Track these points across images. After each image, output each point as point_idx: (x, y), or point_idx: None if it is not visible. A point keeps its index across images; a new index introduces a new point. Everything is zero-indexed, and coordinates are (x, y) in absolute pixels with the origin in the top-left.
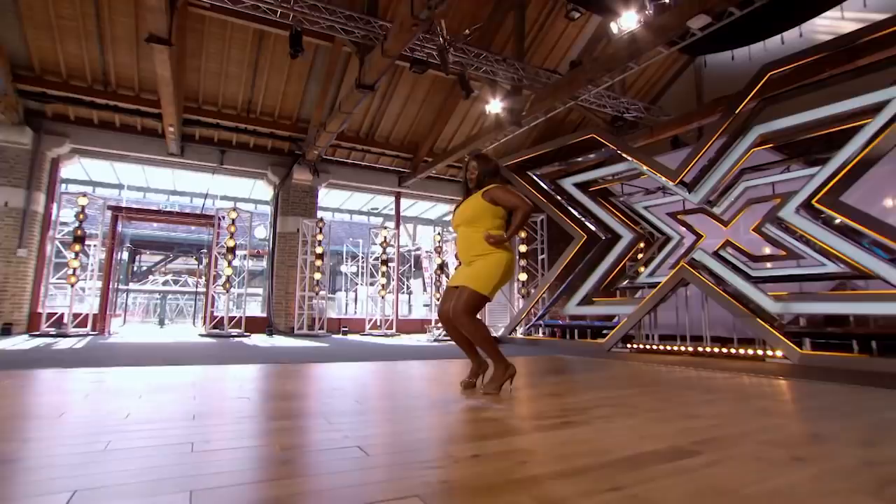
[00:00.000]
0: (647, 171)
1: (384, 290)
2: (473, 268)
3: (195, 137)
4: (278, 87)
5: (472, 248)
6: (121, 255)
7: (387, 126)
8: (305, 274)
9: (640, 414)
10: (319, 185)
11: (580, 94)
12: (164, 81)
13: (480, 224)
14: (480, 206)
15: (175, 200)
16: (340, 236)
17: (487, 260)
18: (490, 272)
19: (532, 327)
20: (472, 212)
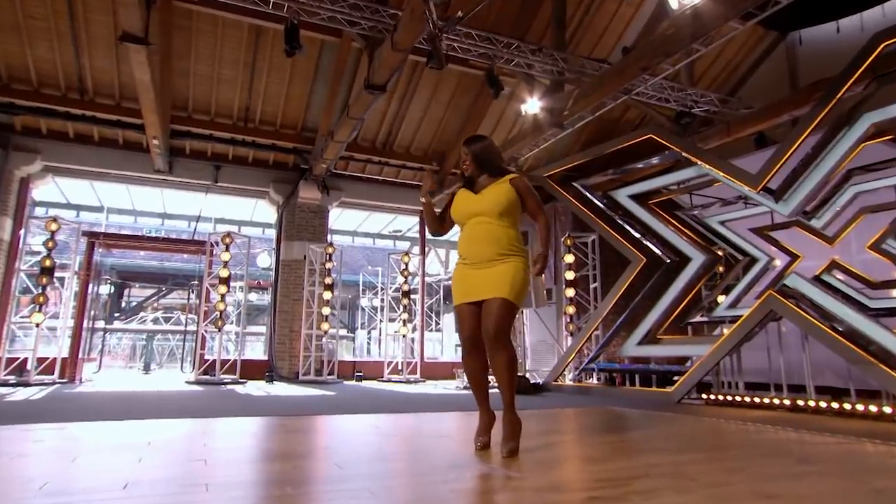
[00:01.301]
0: (720, 176)
1: (405, 326)
2: (501, 273)
3: (185, 151)
4: (279, 90)
5: (499, 244)
6: (98, 289)
7: (407, 133)
8: (313, 309)
9: (697, 490)
10: (330, 205)
11: (633, 86)
12: (144, 87)
13: (510, 219)
14: (511, 196)
15: (171, 225)
16: (361, 263)
17: (517, 264)
18: (524, 280)
19: (583, 372)
20: (502, 201)
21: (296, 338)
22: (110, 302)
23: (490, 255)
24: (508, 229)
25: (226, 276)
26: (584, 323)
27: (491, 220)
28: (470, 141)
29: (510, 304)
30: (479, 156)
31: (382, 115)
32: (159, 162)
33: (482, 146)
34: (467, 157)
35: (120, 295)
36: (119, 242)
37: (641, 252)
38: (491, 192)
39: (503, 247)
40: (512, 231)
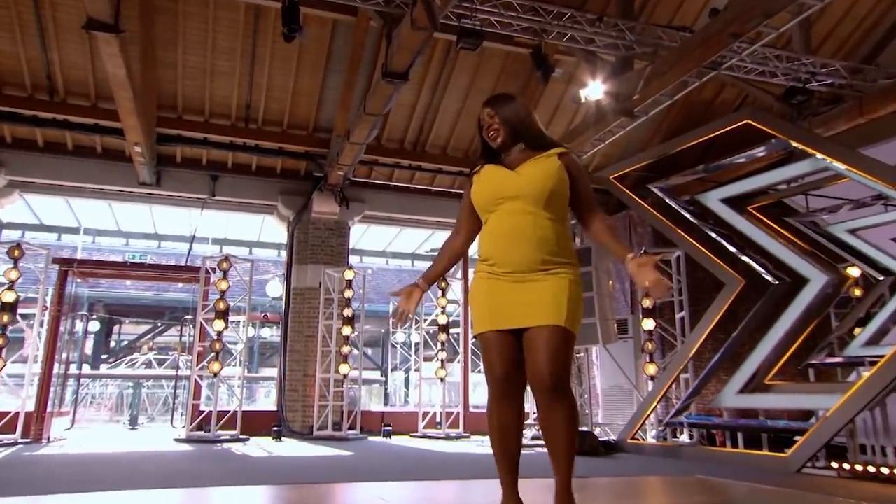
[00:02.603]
0: (848, 171)
1: (444, 368)
2: (553, 290)
3: (175, 159)
4: (285, 83)
5: (547, 247)
6: (75, 326)
7: (442, 130)
8: (331, 347)
9: None
10: (351, 220)
11: (724, 58)
12: (119, 84)
13: (558, 211)
14: (562, 177)
15: (169, 248)
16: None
17: (573, 278)
18: (582, 301)
19: (669, 427)
20: (550, 185)
21: (310, 384)
22: (97, 341)
23: (534, 260)
24: (558, 225)
25: (223, 309)
26: (668, 363)
27: (534, 208)
28: (496, 101)
29: (570, 336)
30: (512, 119)
31: (411, 109)
32: (144, 173)
33: (515, 107)
34: (493, 121)
35: (109, 332)
36: (96, 270)
37: (740, 272)
38: (534, 168)
39: (553, 251)
40: (562, 228)
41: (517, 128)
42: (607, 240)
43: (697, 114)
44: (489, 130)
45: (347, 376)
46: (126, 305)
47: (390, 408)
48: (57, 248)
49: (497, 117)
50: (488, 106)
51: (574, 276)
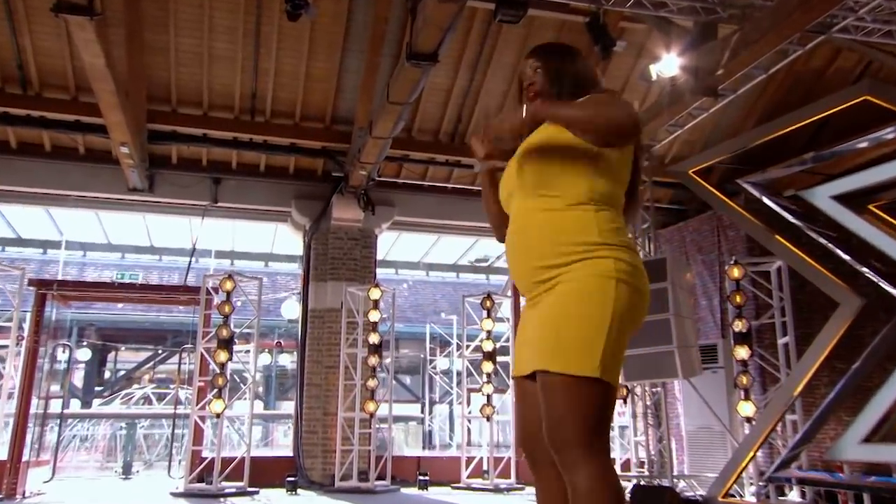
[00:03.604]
0: None
1: (490, 404)
2: (546, 314)
3: (170, 160)
4: (296, 68)
5: (544, 247)
6: (67, 356)
7: None
8: (355, 380)
9: None
10: (378, 227)
11: (835, 18)
12: (99, 75)
13: (558, 183)
14: (552, 136)
15: (171, 262)
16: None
17: (576, 281)
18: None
19: (771, 483)
20: (534, 154)
21: (331, 424)
22: (88, 372)
23: (530, 274)
24: (568, 209)
25: (226, 337)
26: (770, 401)
27: (529, 198)
28: (545, 51)
29: (563, 382)
30: (560, 73)
31: (446, 94)
32: (134, 177)
33: (574, 65)
34: (536, 78)
35: (102, 361)
36: (79, 293)
37: (859, 287)
38: (528, 144)
39: (556, 250)
40: (577, 212)
41: (564, 82)
42: None
43: (804, 88)
44: (529, 89)
45: (375, 415)
46: (122, 329)
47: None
48: (41, 263)
49: (543, 74)
50: (534, 57)
51: (582, 275)
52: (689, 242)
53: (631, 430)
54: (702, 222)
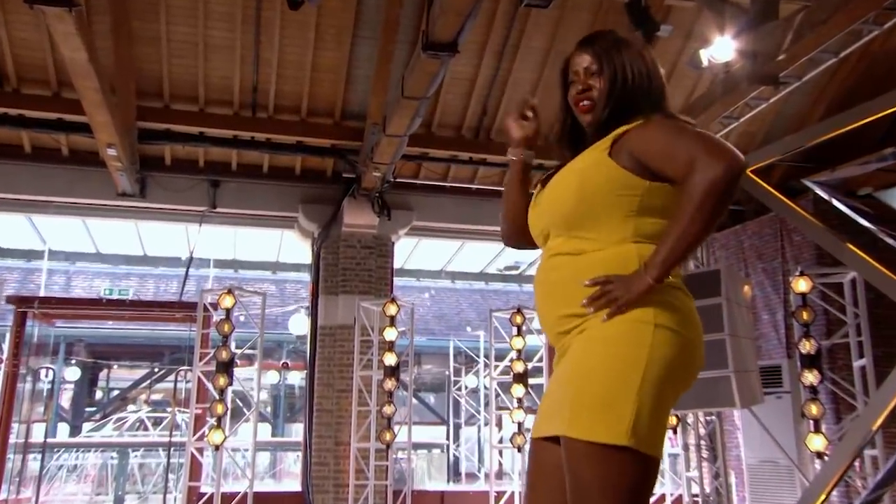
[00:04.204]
0: None
1: (521, 433)
2: (570, 364)
3: (163, 161)
4: (302, 58)
5: (569, 292)
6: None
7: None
8: (370, 406)
9: None
10: (394, 234)
11: None
12: (81, 71)
13: (594, 225)
14: (600, 170)
15: (168, 271)
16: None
17: (603, 326)
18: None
19: None
20: (572, 193)
21: (343, 454)
22: (77, 392)
23: (557, 323)
24: (602, 251)
25: (226, 359)
26: (845, 433)
27: (562, 239)
28: (600, 43)
29: (595, 453)
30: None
31: (469, 84)
32: (123, 181)
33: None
34: (591, 82)
35: (93, 379)
36: (65, 311)
37: None
38: (570, 171)
39: (583, 292)
40: (610, 250)
41: (631, 98)
42: (677, 218)
43: (880, 74)
44: (580, 97)
45: (392, 446)
46: (114, 345)
47: (454, 485)
48: (24, 272)
49: (604, 81)
50: (586, 51)
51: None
52: (747, 248)
53: (683, 463)
54: (762, 225)
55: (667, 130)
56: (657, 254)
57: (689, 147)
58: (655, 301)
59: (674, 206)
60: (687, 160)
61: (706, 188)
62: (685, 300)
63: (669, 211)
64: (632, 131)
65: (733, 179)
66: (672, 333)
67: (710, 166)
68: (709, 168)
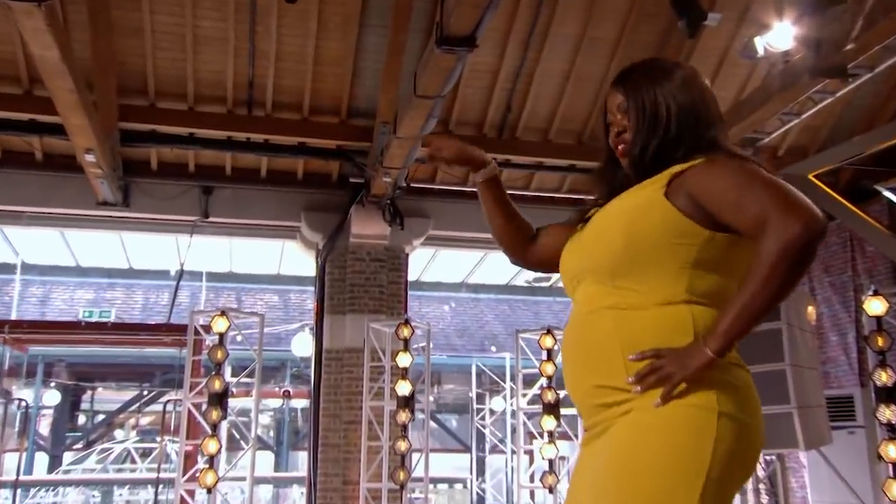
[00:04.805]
0: None
1: (553, 472)
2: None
3: (149, 166)
4: (302, 48)
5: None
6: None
7: (541, 105)
8: (381, 441)
9: None
10: (409, 245)
11: None
12: (53, 70)
13: (641, 276)
14: (654, 213)
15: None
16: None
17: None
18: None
19: None
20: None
21: (352, 495)
22: (57, 419)
23: (591, 394)
24: (650, 310)
25: (219, 391)
26: None
27: (600, 286)
28: (631, 77)
29: None
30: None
31: (492, 77)
32: (104, 189)
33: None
34: (621, 121)
35: (76, 403)
36: (38, 336)
37: None
38: (608, 213)
39: (628, 363)
40: (659, 311)
41: (672, 135)
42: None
43: None
44: (618, 140)
45: (406, 486)
46: (99, 365)
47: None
48: None
49: (634, 118)
50: (618, 88)
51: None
52: None
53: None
54: (829, 232)
55: (734, 175)
56: (720, 322)
57: (761, 199)
58: (717, 381)
59: (733, 263)
60: (758, 216)
61: (780, 252)
62: (744, 377)
63: (728, 267)
64: (692, 171)
65: (811, 243)
66: (737, 423)
67: (784, 226)
68: (783, 228)
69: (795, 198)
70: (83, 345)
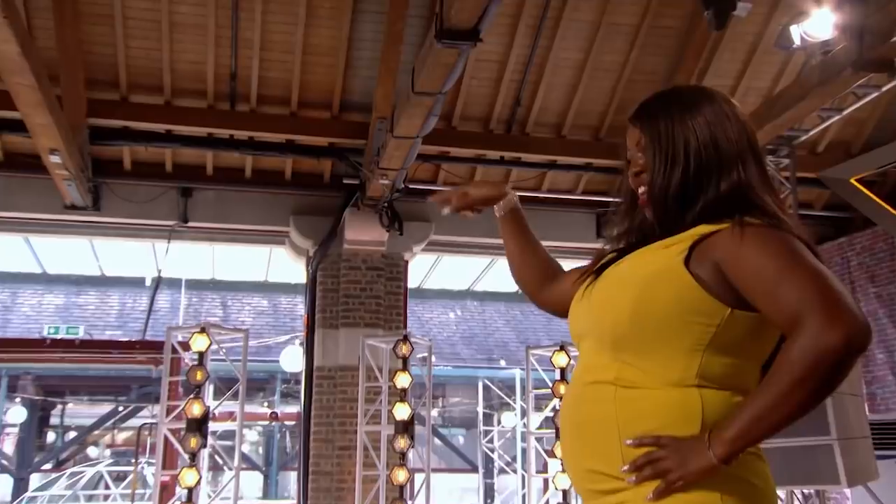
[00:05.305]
0: None
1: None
2: None
3: (122, 167)
4: (291, 37)
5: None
6: None
7: (553, 99)
8: (378, 470)
9: None
10: (408, 251)
11: None
12: (12, 66)
13: (647, 353)
14: (670, 286)
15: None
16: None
17: None
18: None
19: None
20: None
21: None
22: (23, 438)
23: (585, 478)
24: (655, 390)
25: (198, 416)
26: None
27: (603, 355)
28: (649, 110)
29: None
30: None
31: (499, 68)
32: (72, 192)
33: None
34: (638, 160)
35: (45, 418)
36: None
37: None
38: (621, 275)
39: (626, 450)
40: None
41: (693, 177)
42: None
43: None
44: (637, 181)
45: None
46: (70, 378)
47: None
48: None
49: (651, 155)
50: (634, 122)
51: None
52: (854, 267)
53: None
54: (874, 238)
55: (771, 254)
56: (731, 425)
57: (800, 292)
58: (725, 478)
59: (755, 343)
60: (793, 312)
61: (812, 364)
62: (763, 471)
63: (748, 348)
64: (720, 238)
65: (850, 357)
66: None
67: (822, 333)
68: (820, 336)
69: (839, 299)
70: (49, 363)
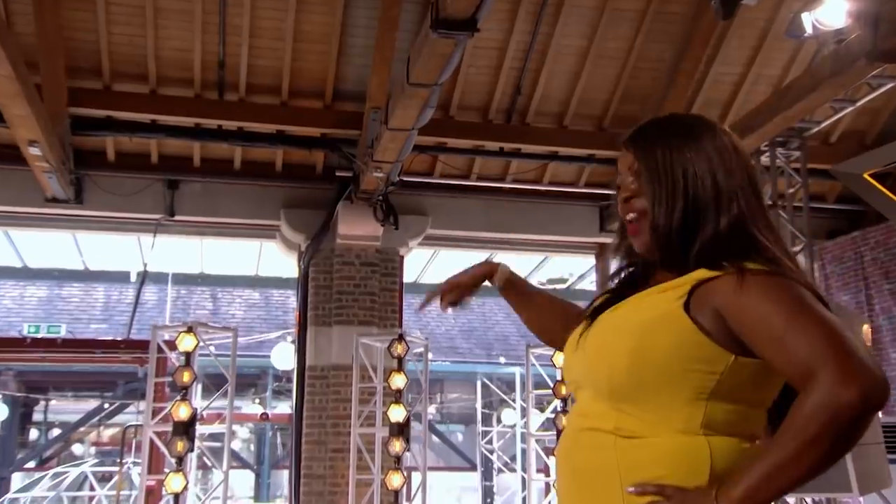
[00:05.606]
0: None
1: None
2: None
3: (106, 158)
4: (281, 23)
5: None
6: None
7: (555, 88)
8: (372, 474)
9: None
10: (404, 246)
11: None
12: None
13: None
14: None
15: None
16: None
17: None
18: None
19: None
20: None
21: None
22: (5, 436)
23: None
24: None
25: (185, 419)
26: None
27: (600, 404)
28: (644, 136)
29: None
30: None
31: (498, 56)
32: (54, 184)
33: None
34: (630, 190)
35: (27, 415)
36: None
37: None
38: (616, 323)
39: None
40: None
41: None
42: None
43: None
44: (625, 208)
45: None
46: (53, 374)
47: None
48: None
49: (646, 182)
50: (628, 147)
51: None
52: (868, 263)
53: None
54: (888, 233)
55: (777, 301)
56: (739, 483)
57: (810, 346)
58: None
59: (762, 389)
60: (805, 367)
61: (826, 422)
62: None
63: (755, 394)
64: (721, 283)
65: (867, 413)
66: None
67: (837, 390)
68: (835, 392)
69: (852, 352)
70: (30, 362)
